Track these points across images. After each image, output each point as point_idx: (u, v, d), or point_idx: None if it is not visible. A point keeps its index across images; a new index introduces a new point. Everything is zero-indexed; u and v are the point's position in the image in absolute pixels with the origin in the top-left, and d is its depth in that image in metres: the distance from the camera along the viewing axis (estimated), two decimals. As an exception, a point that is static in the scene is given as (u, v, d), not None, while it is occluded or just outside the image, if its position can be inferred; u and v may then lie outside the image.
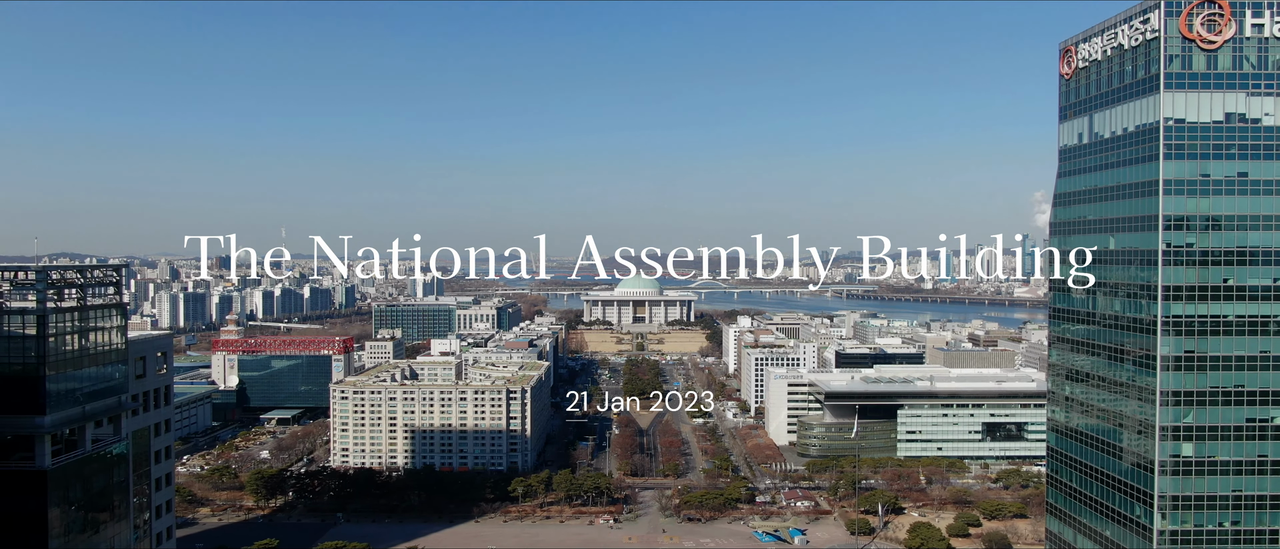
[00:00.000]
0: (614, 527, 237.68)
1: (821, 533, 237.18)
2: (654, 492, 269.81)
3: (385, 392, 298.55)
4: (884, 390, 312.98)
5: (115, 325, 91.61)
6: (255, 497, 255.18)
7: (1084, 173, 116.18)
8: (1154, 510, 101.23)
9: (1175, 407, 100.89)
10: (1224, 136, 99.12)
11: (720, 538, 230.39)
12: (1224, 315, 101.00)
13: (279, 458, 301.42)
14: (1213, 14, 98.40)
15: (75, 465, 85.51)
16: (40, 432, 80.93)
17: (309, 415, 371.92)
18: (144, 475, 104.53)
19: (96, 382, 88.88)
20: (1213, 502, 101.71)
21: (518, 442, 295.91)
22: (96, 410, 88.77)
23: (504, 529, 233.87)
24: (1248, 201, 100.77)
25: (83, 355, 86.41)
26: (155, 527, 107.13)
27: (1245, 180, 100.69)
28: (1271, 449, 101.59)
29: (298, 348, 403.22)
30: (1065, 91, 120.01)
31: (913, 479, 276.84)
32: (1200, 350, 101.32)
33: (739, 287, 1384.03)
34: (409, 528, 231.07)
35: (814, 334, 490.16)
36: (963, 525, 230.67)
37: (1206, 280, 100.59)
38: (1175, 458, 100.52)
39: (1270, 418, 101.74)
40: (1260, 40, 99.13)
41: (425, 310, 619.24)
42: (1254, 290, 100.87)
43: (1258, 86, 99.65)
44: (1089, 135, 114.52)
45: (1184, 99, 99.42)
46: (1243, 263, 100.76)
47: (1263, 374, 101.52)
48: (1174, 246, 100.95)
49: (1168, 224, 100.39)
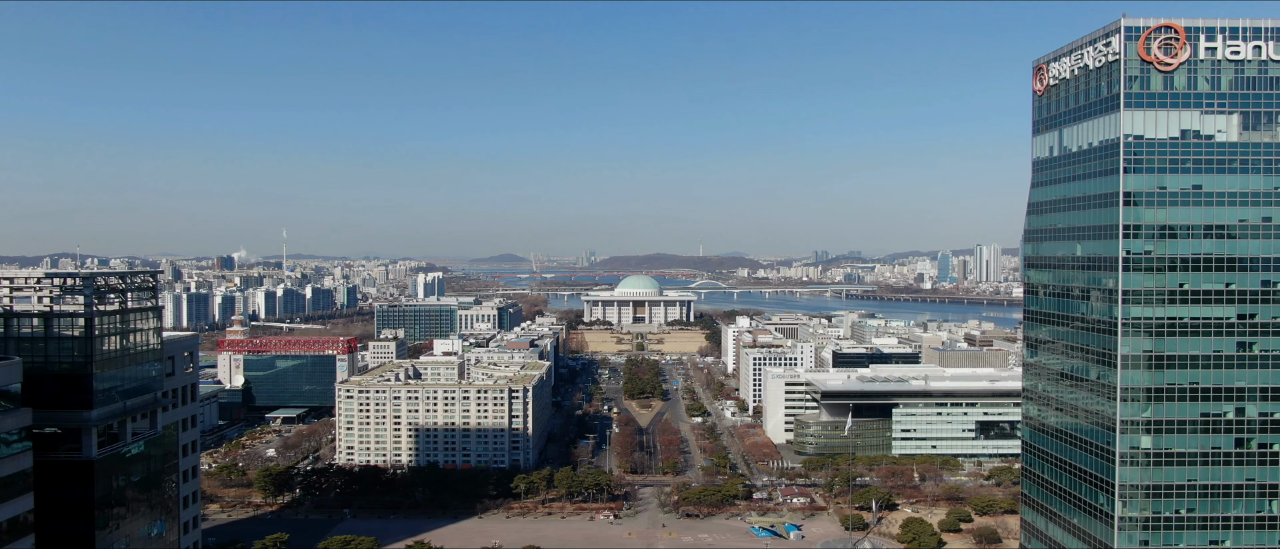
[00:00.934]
0: (614, 523, 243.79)
1: (817, 528, 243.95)
2: (653, 489, 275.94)
3: (390, 391, 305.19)
4: (879, 389, 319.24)
5: (152, 327, 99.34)
6: (263, 493, 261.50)
7: (1054, 183, 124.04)
8: (1115, 498, 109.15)
9: (1135, 402, 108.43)
10: (1180, 152, 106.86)
11: (718, 533, 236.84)
12: (1180, 317, 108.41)
13: (285, 456, 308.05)
14: (1169, 38, 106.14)
15: (117, 456, 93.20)
16: (87, 425, 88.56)
17: (313, 414, 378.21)
18: (172, 467, 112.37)
19: (136, 379, 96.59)
20: (1170, 490, 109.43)
21: (520, 440, 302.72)
22: (136, 406, 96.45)
23: (507, 525, 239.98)
24: (1202, 212, 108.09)
25: (124, 355, 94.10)
26: (182, 516, 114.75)
27: (1200, 192, 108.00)
28: (1224, 442, 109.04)
29: (302, 348, 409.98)
30: (1038, 106, 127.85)
31: (907, 476, 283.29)
32: (1158, 350, 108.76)
33: (739, 287, 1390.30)
34: (414, 524, 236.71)
35: (812, 334, 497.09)
36: (954, 521, 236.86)
37: (1164, 285, 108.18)
38: (1135, 450, 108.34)
39: (1223, 413, 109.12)
40: (1213, 63, 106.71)
41: (427, 311, 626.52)
42: (1208, 295, 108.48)
43: (1211, 105, 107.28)
44: (1059, 148, 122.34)
45: (1143, 116, 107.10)
46: (1197, 269, 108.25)
47: (1216, 372, 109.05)
48: (1134, 254, 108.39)
49: (1128, 233, 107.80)
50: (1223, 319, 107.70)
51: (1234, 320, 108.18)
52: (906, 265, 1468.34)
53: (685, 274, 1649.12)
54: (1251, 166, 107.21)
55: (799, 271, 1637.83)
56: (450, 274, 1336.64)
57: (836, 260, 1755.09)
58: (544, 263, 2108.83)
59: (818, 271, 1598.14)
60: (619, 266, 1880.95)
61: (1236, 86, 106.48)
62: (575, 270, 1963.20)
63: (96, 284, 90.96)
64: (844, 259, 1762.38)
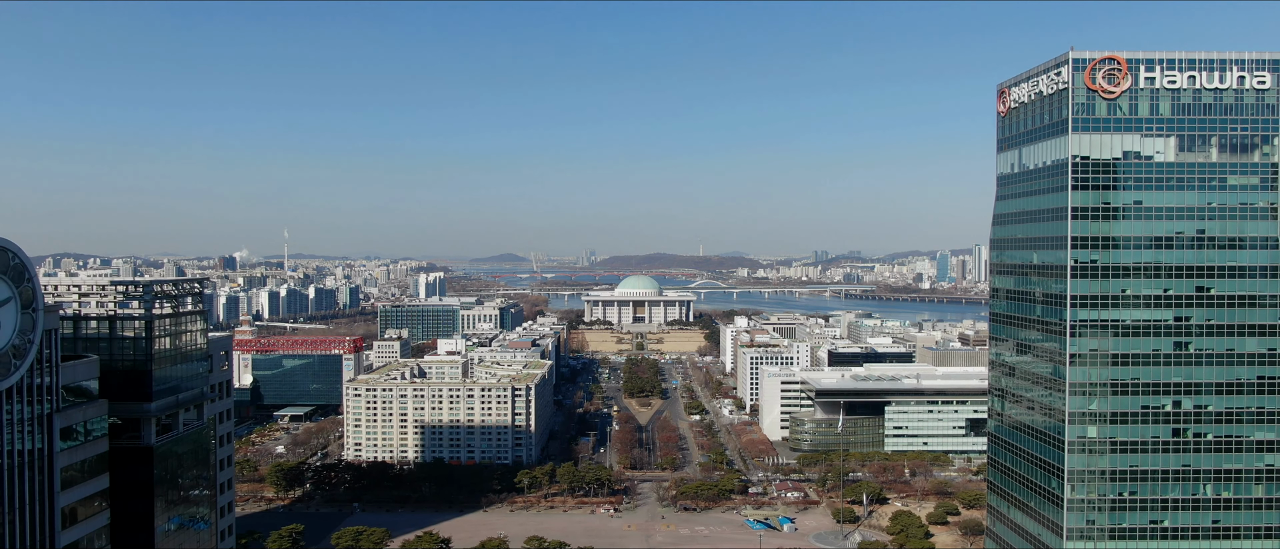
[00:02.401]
0: (614, 516, 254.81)
1: (809, 521, 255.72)
2: (652, 484, 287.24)
3: (396, 389, 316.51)
4: (872, 388, 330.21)
5: (199, 329, 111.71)
6: (276, 488, 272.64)
7: (1015, 197, 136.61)
8: (1065, 483, 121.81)
9: (1082, 396, 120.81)
10: (1123, 171, 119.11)
11: (714, 526, 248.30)
12: (1122, 320, 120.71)
13: (294, 452, 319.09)
14: (1112, 69, 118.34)
15: (171, 443, 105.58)
16: (147, 415, 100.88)
17: (320, 412, 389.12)
18: (212, 455, 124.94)
19: (186, 375, 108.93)
20: (1113, 475, 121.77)
21: (522, 437, 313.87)
22: (186, 399, 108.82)
23: (511, 518, 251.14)
24: (1142, 225, 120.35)
25: (176, 354, 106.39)
26: (219, 501, 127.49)
27: (1140, 207, 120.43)
28: (1163, 432, 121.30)
29: (308, 347, 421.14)
30: (1001, 127, 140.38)
31: (898, 472, 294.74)
32: (1103, 349, 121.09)
33: (739, 286, 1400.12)
34: (421, 517, 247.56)
35: (809, 334, 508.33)
36: (942, 514, 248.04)
37: (1107, 291, 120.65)
38: (1082, 439, 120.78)
39: (1162, 406, 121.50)
40: (1152, 91, 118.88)
41: (430, 311, 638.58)
42: (1147, 299, 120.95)
43: (1150, 129, 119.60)
44: (1019, 166, 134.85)
45: (1089, 139, 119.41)
46: (1138, 276, 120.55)
47: (1154, 369, 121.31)
48: (1081, 262, 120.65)
49: (1076, 243, 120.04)
50: (1161, 321, 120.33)
51: (1171, 322, 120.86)
52: (906, 265, 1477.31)
53: (685, 274, 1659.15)
54: (1187, 184, 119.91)
55: (799, 271, 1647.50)
56: (451, 274, 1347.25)
57: (836, 260, 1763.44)
58: (544, 263, 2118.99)
59: (817, 271, 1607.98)
60: (619, 266, 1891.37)
61: (1173, 112, 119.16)
62: (575, 270, 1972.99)
63: (154, 291, 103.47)
64: (844, 259, 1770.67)
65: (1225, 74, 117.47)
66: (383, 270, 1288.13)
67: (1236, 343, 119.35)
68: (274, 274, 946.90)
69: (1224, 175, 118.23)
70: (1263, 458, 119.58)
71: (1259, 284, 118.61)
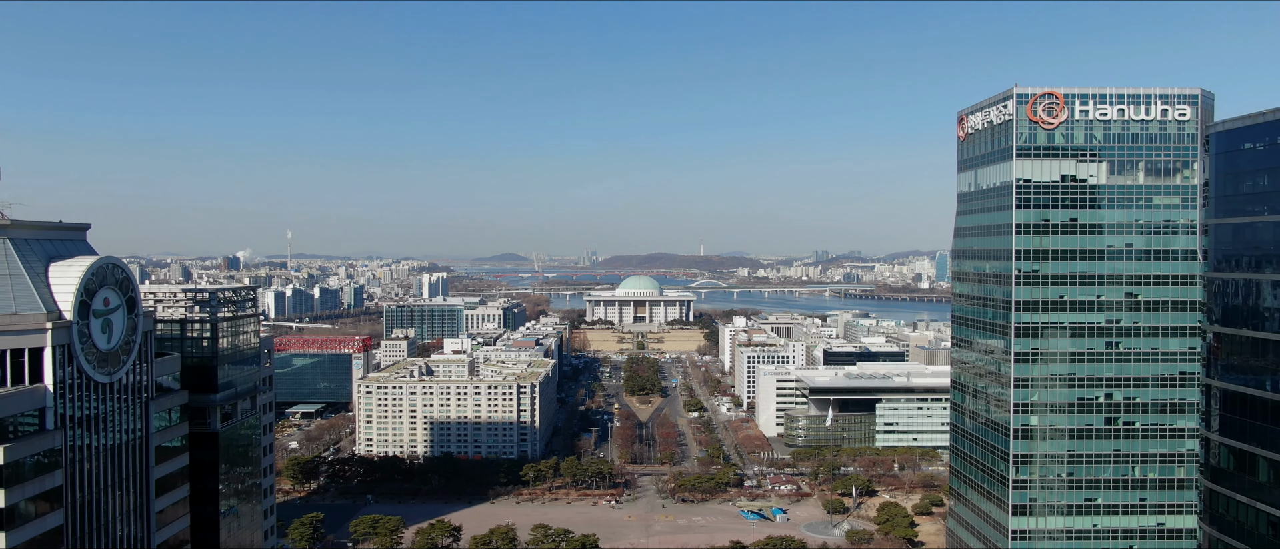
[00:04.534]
0: (615, 507, 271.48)
1: (801, 512, 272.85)
2: (651, 477, 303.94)
3: (406, 387, 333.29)
4: (864, 386, 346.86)
5: (253, 330, 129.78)
6: (292, 481, 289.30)
7: (972, 213, 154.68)
8: (1009, 465, 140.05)
9: (1024, 389, 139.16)
10: (1060, 192, 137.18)
11: (710, 517, 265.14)
12: (1060, 322, 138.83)
13: (308, 447, 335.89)
14: (1051, 103, 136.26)
15: (232, 430, 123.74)
16: (213, 406, 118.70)
17: (329, 410, 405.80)
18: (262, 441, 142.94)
19: (244, 370, 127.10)
20: (1052, 459, 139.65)
21: (527, 432, 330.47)
22: (243, 391, 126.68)
23: (517, 509, 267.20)
24: (1077, 239, 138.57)
25: (235, 351, 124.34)
26: (263, 483, 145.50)
27: (1075, 224, 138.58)
28: (1096, 420, 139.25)
29: (317, 347, 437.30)
30: (960, 149, 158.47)
31: (887, 466, 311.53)
32: (1042, 348, 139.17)
33: (739, 286, 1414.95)
34: (432, 508, 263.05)
35: (805, 333, 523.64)
36: (927, 505, 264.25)
37: (1047, 297, 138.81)
38: (1024, 427, 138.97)
39: (1095, 398, 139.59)
40: (1086, 122, 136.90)
41: (434, 311, 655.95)
42: (1081, 304, 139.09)
43: (1084, 155, 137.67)
44: (974, 185, 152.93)
45: (1031, 164, 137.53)
46: (1074, 284, 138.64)
47: (1088, 365, 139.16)
48: (1024, 272, 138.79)
49: (1019, 255, 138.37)
50: (1094, 323, 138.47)
51: (1103, 325, 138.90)
52: (905, 265, 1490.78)
53: (686, 273, 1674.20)
54: (1116, 203, 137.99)
55: (799, 271, 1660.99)
56: (453, 274, 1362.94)
57: (837, 260, 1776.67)
58: (545, 262, 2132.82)
59: (817, 271, 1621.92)
60: (620, 266, 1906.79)
61: (1105, 140, 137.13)
62: (577, 270, 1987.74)
63: (218, 297, 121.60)
64: (844, 258, 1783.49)
65: (1150, 107, 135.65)
66: (385, 270, 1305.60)
67: (1161, 343, 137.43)
68: (279, 274, 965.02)
69: (1150, 196, 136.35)
70: (1183, 443, 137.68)
71: (1180, 291, 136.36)
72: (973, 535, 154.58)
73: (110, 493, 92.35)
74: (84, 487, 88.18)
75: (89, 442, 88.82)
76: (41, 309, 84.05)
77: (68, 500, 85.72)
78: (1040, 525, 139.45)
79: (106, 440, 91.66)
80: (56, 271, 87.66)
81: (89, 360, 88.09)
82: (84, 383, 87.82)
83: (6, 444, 77.93)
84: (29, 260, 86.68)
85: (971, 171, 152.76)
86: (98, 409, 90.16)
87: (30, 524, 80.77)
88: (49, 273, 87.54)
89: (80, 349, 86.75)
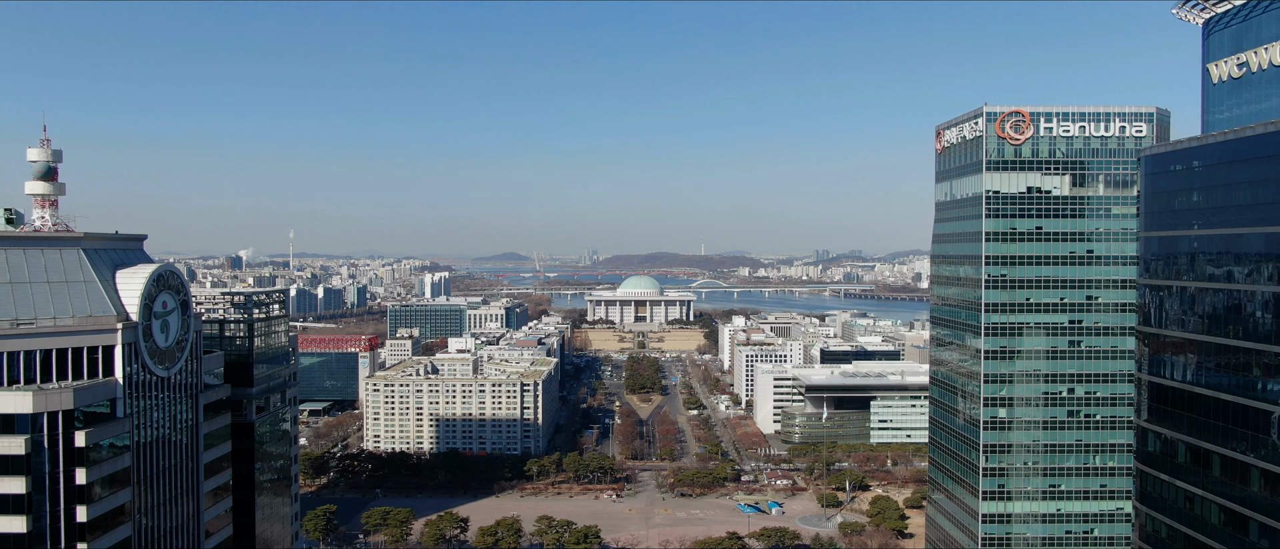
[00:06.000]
0: (617, 500, 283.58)
1: (796, 506, 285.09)
2: (652, 472, 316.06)
3: (412, 385, 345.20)
4: (858, 384, 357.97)
5: (284, 330, 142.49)
6: (304, 476, 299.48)
7: (947, 221, 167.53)
8: (980, 453, 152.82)
9: (993, 384, 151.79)
10: (1026, 203, 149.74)
11: (708, 510, 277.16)
12: (1026, 322, 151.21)
13: (317, 444, 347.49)
14: (1017, 120, 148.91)
15: (265, 420, 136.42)
16: (250, 399, 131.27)
17: (336, 407, 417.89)
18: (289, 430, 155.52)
19: (275, 367, 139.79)
20: (1019, 448, 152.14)
21: (531, 429, 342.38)
22: (275, 385, 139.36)
23: (521, 502, 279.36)
24: (1042, 246, 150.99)
25: (268, 349, 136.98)
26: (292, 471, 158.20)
27: (1040, 232, 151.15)
28: (1059, 413, 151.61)
29: (323, 346, 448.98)
30: (938, 161, 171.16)
31: (880, 462, 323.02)
32: (1010, 346, 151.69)
33: (740, 286, 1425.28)
34: (439, 501, 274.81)
35: (803, 333, 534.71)
36: (918, 499, 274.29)
37: (1014, 299, 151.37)
38: (994, 419, 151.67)
39: (1059, 392, 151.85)
40: (1051, 138, 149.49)
41: (438, 310, 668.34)
42: (1046, 306, 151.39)
43: (1049, 169, 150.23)
44: (950, 195, 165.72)
45: (1000, 177, 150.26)
46: (1039, 287, 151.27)
47: (1053, 362, 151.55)
48: (992, 276, 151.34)
49: (989, 261, 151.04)
50: (1057, 323, 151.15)
51: (1066, 324, 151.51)
52: (906, 265, 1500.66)
53: (687, 273, 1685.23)
54: (1078, 213, 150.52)
55: (799, 271, 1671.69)
56: (455, 273, 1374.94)
57: (837, 259, 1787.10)
58: (546, 262, 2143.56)
59: (818, 271, 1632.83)
60: (621, 265, 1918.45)
61: (1067, 155, 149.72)
62: (578, 269, 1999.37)
63: (253, 300, 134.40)
64: (845, 258, 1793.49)
65: (1109, 124, 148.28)
66: (387, 270, 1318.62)
67: (1118, 341, 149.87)
68: (282, 274, 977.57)
69: (1109, 206, 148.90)
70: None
71: (1130, 294, 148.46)
72: (949, 522, 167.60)
73: (167, 475, 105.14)
74: (146, 468, 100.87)
75: (150, 429, 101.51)
76: (112, 311, 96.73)
77: (134, 480, 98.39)
78: (1009, 510, 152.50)
79: (164, 428, 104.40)
80: (123, 278, 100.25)
81: (151, 357, 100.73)
82: (147, 377, 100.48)
83: (87, 429, 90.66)
84: (99, 269, 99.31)
85: (948, 182, 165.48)
86: (157, 400, 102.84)
87: (105, 500, 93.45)
88: (116, 279, 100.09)
89: (144, 347, 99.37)
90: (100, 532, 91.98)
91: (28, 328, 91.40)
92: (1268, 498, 75.98)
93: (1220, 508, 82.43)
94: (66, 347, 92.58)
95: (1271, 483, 75.64)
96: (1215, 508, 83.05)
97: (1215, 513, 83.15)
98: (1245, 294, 78.20)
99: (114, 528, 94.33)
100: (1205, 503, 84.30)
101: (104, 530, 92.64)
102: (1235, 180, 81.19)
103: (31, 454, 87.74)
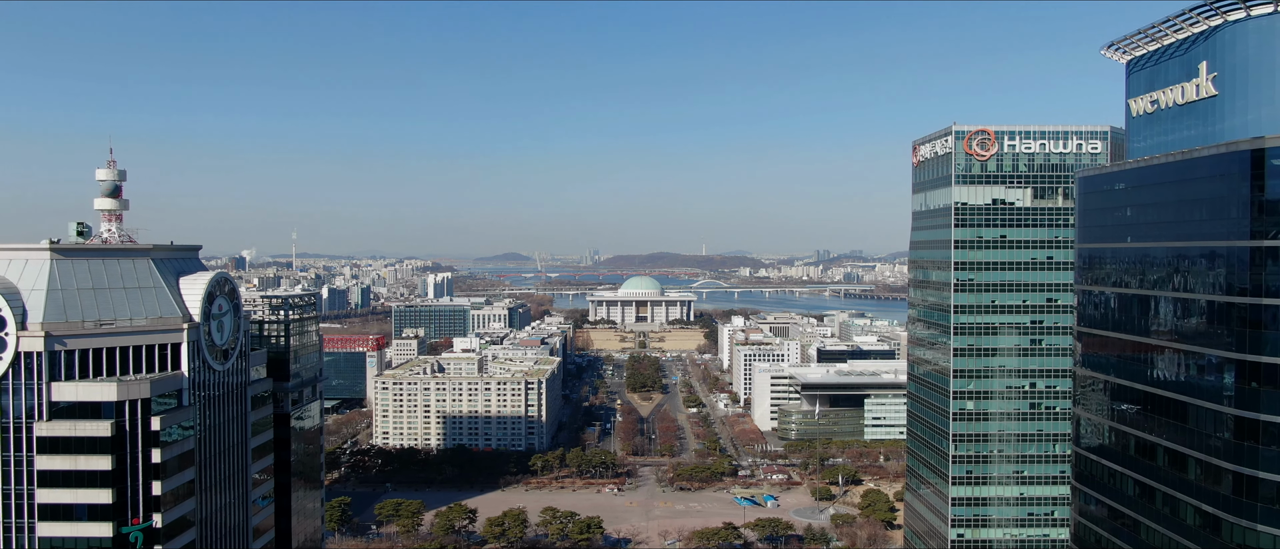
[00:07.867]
0: (618, 494, 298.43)
1: (791, 499, 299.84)
2: (652, 468, 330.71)
3: (420, 383, 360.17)
4: (853, 382, 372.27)
5: (315, 328, 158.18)
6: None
7: (922, 229, 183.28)
8: (949, 442, 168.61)
9: (962, 379, 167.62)
10: (991, 213, 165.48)
11: (706, 503, 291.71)
12: (992, 322, 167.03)
13: (328, 440, 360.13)
14: (984, 138, 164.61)
15: (300, 413, 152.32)
16: (286, 393, 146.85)
17: (345, 406, 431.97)
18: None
19: (307, 363, 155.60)
20: (986, 437, 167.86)
21: (535, 426, 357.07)
22: (308, 380, 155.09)
23: (526, 495, 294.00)
24: (1006, 253, 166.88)
25: (302, 347, 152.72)
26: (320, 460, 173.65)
27: (1005, 241, 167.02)
28: (1022, 405, 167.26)
29: (332, 345, 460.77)
30: (914, 174, 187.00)
31: (874, 457, 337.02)
32: (977, 344, 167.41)
33: (740, 286, 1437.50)
34: (447, 495, 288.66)
35: (801, 333, 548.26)
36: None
37: (980, 301, 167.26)
38: (962, 411, 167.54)
39: (1022, 386, 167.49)
40: (1013, 154, 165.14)
41: (442, 311, 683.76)
42: (1010, 307, 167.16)
43: (1012, 182, 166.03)
44: (924, 206, 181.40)
45: (967, 190, 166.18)
46: (1003, 290, 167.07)
47: (1016, 359, 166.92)
48: (961, 280, 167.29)
49: (957, 266, 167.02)
50: (1020, 323, 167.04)
51: (1027, 324, 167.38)
52: (906, 264, 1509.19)
53: (688, 273, 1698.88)
54: (1039, 223, 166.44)
55: (800, 271, 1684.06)
56: (457, 274, 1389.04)
57: (838, 259, 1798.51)
58: (548, 262, 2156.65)
59: (819, 271, 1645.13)
60: (622, 265, 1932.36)
61: (1029, 169, 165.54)
62: (579, 269, 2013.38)
63: (289, 302, 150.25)
64: (846, 258, 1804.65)
65: (1068, 142, 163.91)
66: (390, 270, 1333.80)
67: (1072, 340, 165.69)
68: (285, 274, 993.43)
69: (1067, 216, 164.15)
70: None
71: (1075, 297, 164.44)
72: (926, 508, 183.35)
73: (223, 458, 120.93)
74: (206, 451, 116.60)
75: (209, 417, 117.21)
76: (177, 313, 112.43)
77: (197, 461, 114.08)
78: (976, 494, 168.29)
79: (220, 416, 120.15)
80: (186, 284, 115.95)
81: (210, 353, 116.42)
82: (206, 372, 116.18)
83: (160, 415, 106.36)
84: (165, 276, 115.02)
85: (923, 194, 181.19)
86: (214, 392, 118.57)
87: (174, 477, 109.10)
88: (180, 285, 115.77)
89: (204, 344, 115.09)
90: (171, 503, 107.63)
91: (109, 327, 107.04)
92: (1175, 475, 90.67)
93: (1135, 481, 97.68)
94: (141, 344, 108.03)
95: (1177, 461, 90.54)
96: (1130, 481, 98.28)
97: (1130, 486, 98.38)
98: (1152, 298, 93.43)
99: (182, 502, 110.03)
100: (1123, 478, 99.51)
101: (174, 503, 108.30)
102: (1144, 202, 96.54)
103: (115, 436, 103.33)
